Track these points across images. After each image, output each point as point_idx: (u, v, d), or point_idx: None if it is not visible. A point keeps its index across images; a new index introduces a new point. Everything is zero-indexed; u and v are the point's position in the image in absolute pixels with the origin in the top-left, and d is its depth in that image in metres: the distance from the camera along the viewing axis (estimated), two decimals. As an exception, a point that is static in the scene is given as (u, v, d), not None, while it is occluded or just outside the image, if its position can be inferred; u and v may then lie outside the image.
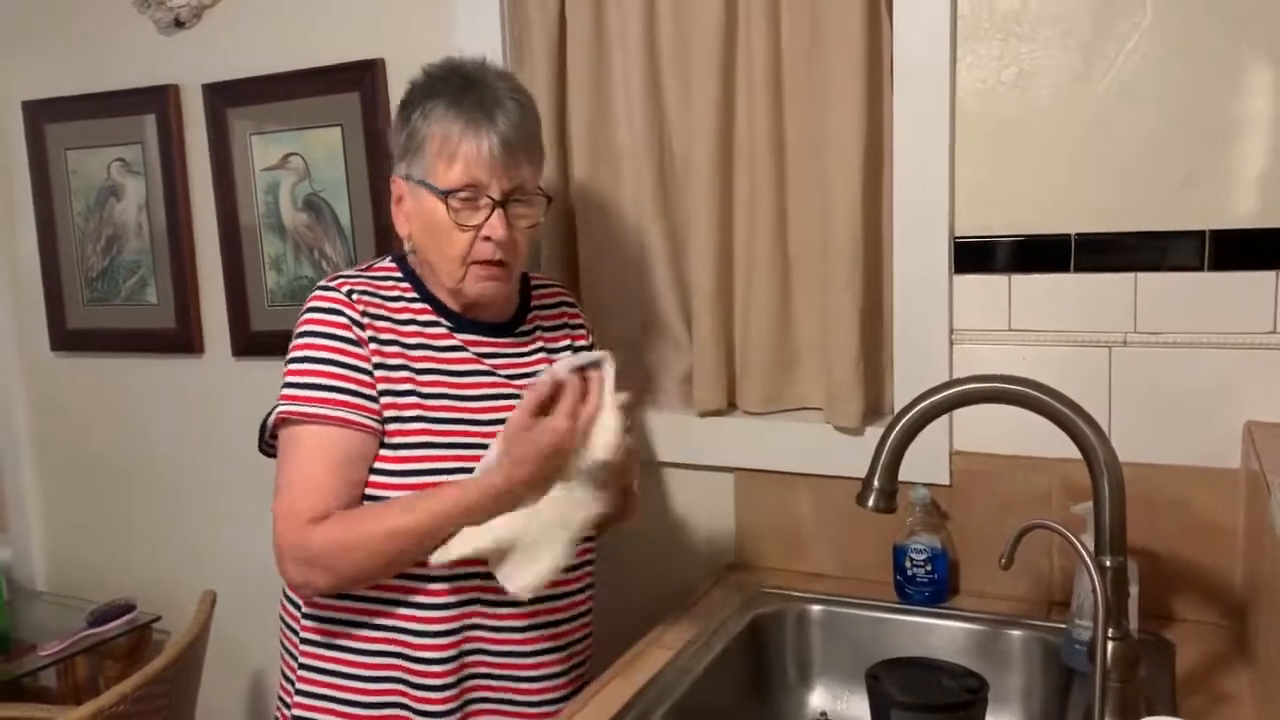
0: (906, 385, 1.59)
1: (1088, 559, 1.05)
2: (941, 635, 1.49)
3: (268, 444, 1.38)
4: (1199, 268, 1.43)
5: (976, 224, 1.55)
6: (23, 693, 2.21)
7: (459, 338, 1.39)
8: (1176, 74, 1.41)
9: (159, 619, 2.35)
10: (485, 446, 1.31)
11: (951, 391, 1.15)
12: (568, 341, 1.51)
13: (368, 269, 1.42)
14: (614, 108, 1.80)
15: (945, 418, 1.54)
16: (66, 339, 2.46)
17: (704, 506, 1.80)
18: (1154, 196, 1.44)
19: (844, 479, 1.64)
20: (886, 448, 1.15)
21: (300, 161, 2.08)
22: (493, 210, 1.30)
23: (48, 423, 2.56)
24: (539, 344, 1.46)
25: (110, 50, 2.28)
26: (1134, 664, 1.07)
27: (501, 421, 1.33)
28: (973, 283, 1.56)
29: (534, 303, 1.51)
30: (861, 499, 1.16)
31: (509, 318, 1.46)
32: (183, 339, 2.28)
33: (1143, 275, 1.46)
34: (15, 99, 2.42)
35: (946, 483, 1.59)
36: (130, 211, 2.32)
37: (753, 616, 1.54)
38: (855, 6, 1.57)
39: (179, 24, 2.17)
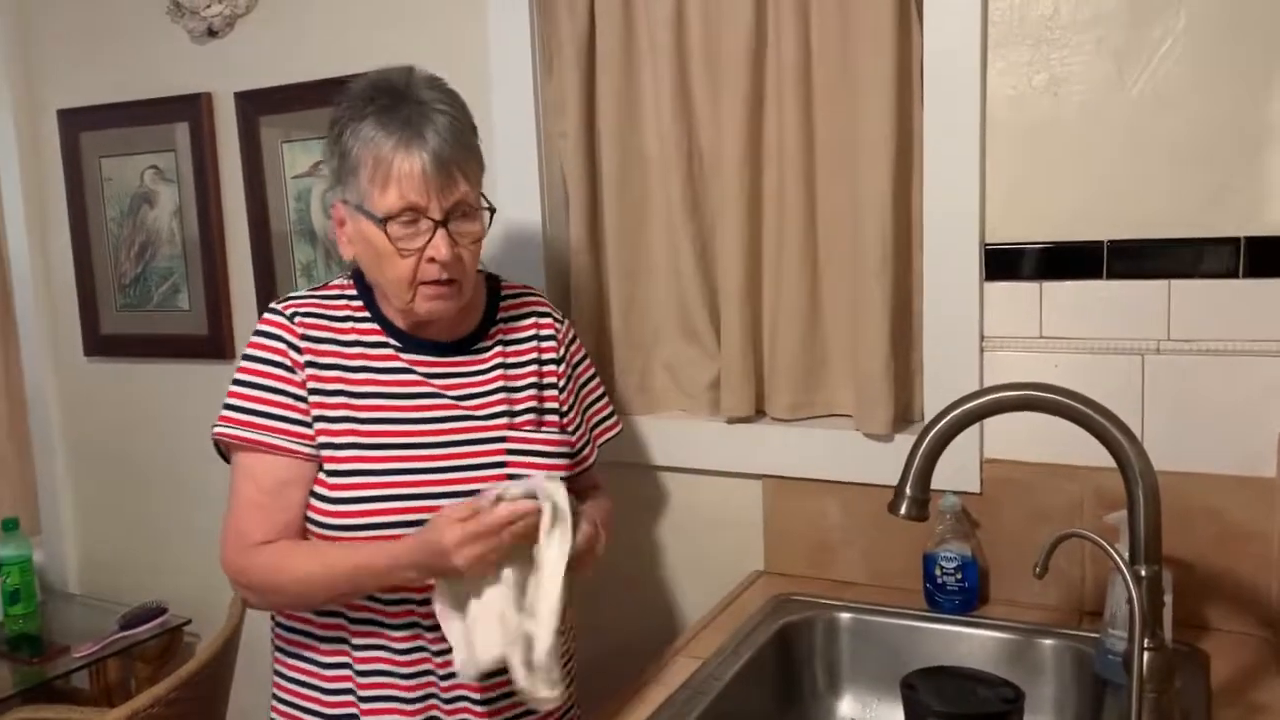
0: (936, 392, 1.58)
1: (1124, 568, 1.05)
2: (972, 644, 1.48)
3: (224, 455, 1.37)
4: (1234, 275, 1.42)
5: (1007, 230, 1.54)
6: (55, 694, 2.24)
7: (405, 359, 1.34)
8: (1210, 80, 1.40)
9: (189, 622, 2.38)
10: (430, 471, 1.29)
11: (985, 399, 1.14)
12: (534, 355, 1.42)
13: (322, 287, 1.40)
14: (643, 111, 1.80)
15: (976, 425, 1.54)
16: (100, 344, 2.49)
17: (732, 513, 1.80)
18: (1188, 203, 1.43)
19: (873, 486, 1.63)
20: (919, 455, 1.14)
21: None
22: (434, 231, 1.24)
23: (81, 427, 2.59)
24: (496, 360, 1.39)
25: (144, 59, 2.31)
26: (1169, 675, 1.06)
27: (452, 444, 1.31)
28: (1003, 289, 1.56)
29: (500, 314, 1.43)
30: (893, 507, 1.16)
31: (467, 333, 1.39)
32: (214, 345, 2.31)
33: (1176, 282, 1.45)
34: (51, 108, 2.45)
35: (977, 490, 1.58)
36: (163, 218, 2.35)
37: (782, 624, 1.54)
38: (885, 10, 1.57)
39: (212, 33, 2.20)
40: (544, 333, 1.45)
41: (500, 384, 1.37)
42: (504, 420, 1.35)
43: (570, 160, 1.85)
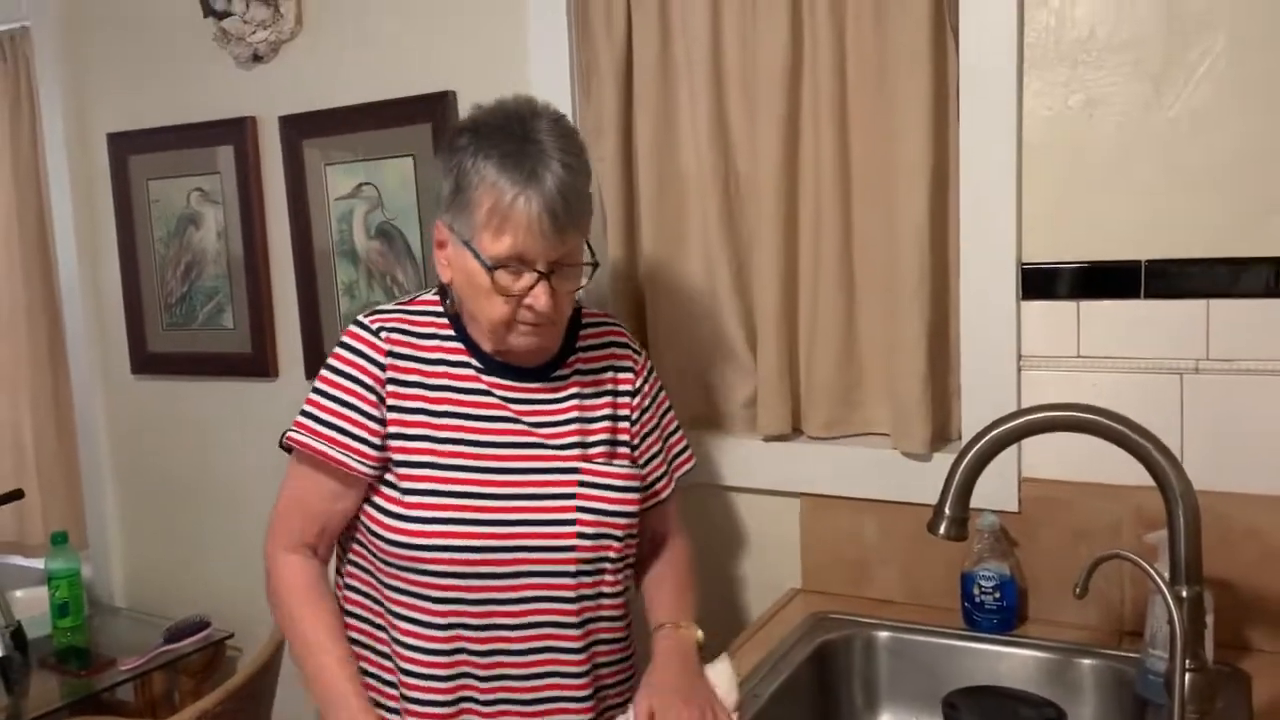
0: (974, 411, 1.59)
1: (1164, 589, 1.05)
2: (1011, 663, 1.48)
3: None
4: (1273, 294, 1.41)
5: (1044, 250, 1.55)
6: (102, 706, 2.28)
7: (486, 381, 1.36)
8: (1248, 101, 1.41)
9: (232, 636, 2.41)
10: (501, 497, 1.32)
11: (1024, 419, 1.15)
12: (610, 386, 1.44)
13: (410, 302, 1.42)
14: (680, 132, 1.83)
15: (1014, 444, 1.54)
16: (146, 362, 2.54)
17: (769, 531, 1.81)
18: (1226, 223, 1.43)
19: (911, 505, 1.64)
20: (958, 475, 1.15)
21: (373, 190, 2.14)
22: (537, 281, 1.26)
23: (128, 444, 2.64)
24: (573, 390, 1.40)
25: (191, 84, 2.37)
26: (1212, 696, 1.06)
27: (525, 471, 1.34)
28: (1040, 309, 1.56)
29: (580, 343, 1.45)
30: (933, 526, 1.17)
31: (548, 360, 1.41)
32: (258, 363, 2.35)
33: (1215, 302, 1.45)
34: (101, 131, 2.51)
35: (1015, 510, 1.58)
36: (209, 239, 2.40)
37: (820, 642, 1.55)
38: (921, 32, 1.58)
39: (257, 59, 2.25)
40: (621, 364, 1.47)
41: (575, 414, 1.39)
42: (577, 451, 1.37)
43: (608, 182, 1.88)
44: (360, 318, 1.39)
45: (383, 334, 1.36)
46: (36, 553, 2.85)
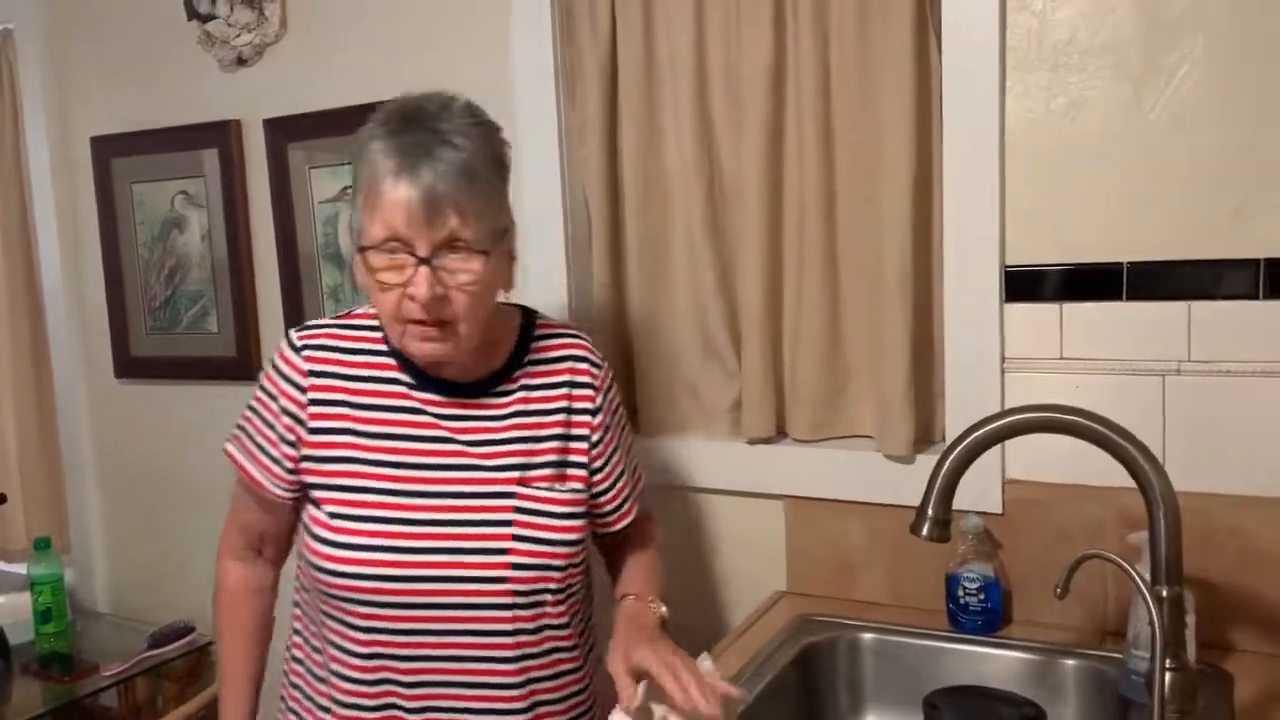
0: (957, 413, 1.59)
1: (1144, 588, 1.05)
2: (995, 664, 1.48)
3: None
4: (1254, 296, 1.42)
5: (1027, 252, 1.56)
6: (85, 712, 2.26)
7: (417, 398, 1.28)
8: (1228, 103, 1.42)
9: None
10: (433, 523, 1.25)
11: (1006, 421, 1.15)
12: (564, 403, 1.33)
13: (346, 316, 1.37)
14: (664, 133, 1.83)
15: (997, 446, 1.55)
16: (130, 366, 2.53)
17: (753, 534, 1.81)
18: (1207, 225, 1.44)
19: (895, 507, 1.64)
20: (940, 476, 1.15)
21: (357, 194, 2.13)
22: (417, 268, 1.15)
23: (111, 448, 2.62)
24: (517, 406, 1.30)
25: (175, 87, 2.36)
26: (1192, 695, 1.07)
27: (458, 495, 1.26)
28: (1023, 311, 1.57)
29: (530, 356, 1.34)
30: (915, 528, 1.17)
31: (489, 373, 1.31)
32: (242, 367, 2.34)
33: (1196, 304, 1.45)
34: (85, 134, 2.50)
35: (999, 511, 1.59)
36: (193, 243, 2.39)
37: (804, 644, 1.55)
38: (904, 34, 1.59)
39: (241, 62, 2.24)
40: (579, 379, 1.35)
41: (518, 433, 1.30)
42: (515, 474, 1.29)
43: (592, 184, 1.88)
44: (290, 332, 1.34)
45: (305, 352, 1.30)
46: (19, 558, 2.82)
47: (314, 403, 1.29)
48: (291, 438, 1.29)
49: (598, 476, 1.36)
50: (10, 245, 2.85)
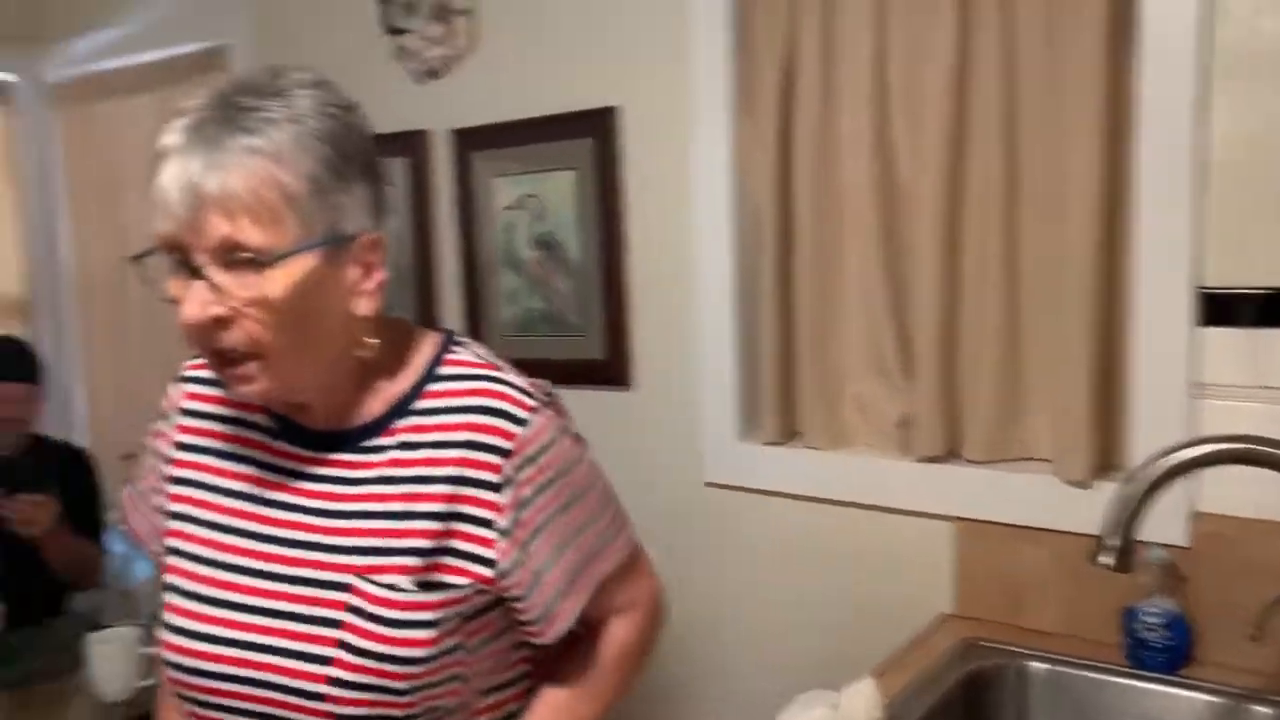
0: (1142, 440, 1.52)
1: (1351, 636, 0.99)
2: (1176, 705, 1.41)
3: None
4: None
5: (1225, 274, 1.48)
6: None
7: (274, 448, 1.03)
8: None
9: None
10: (261, 612, 0.98)
11: (1198, 450, 1.10)
12: (455, 471, 0.97)
13: None
14: (840, 146, 1.82)
15: (1186, 476, 1.47)
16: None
17: (917, 554, 1.78)
18: None
19: (1072, 534, 1.58)
20: (1125, 504, 1.11)
21: (536, 202, 2.21)
22: (190, 279, 0.90)
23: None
24: (386, 470, 0.99)
25: (370, 99, 2.45)
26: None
27: (293, 581, 0.98)
28: (1218, 335, 1.49)
29: (420, 403, 1.00)
30: (1096, 557, 1.13)
31: (360, 424, 1.01)
32: (422, 365, 2.45)
33: None
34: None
35: (1185, 544, 1.51)
36: (381, 246, 2.52)
37: (972, 669, 1.51)
38: (1096, 45, 1.54)
39: (432, 74, 2.35)
40: (483, 439, 0.98)
41: (374, 505, 0.98)
42: (360, 560, 0.97)
43: (764, 195, 1.88)
44: (184, 363, 1.12)
45: (186, 386, 1.09)
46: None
47: (179, 447, 1.08)
48: (157, 486, 1.10)
49: (508, 578, 0.99)
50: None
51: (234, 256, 0.88)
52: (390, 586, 0.95)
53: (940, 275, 1.71)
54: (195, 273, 0.89)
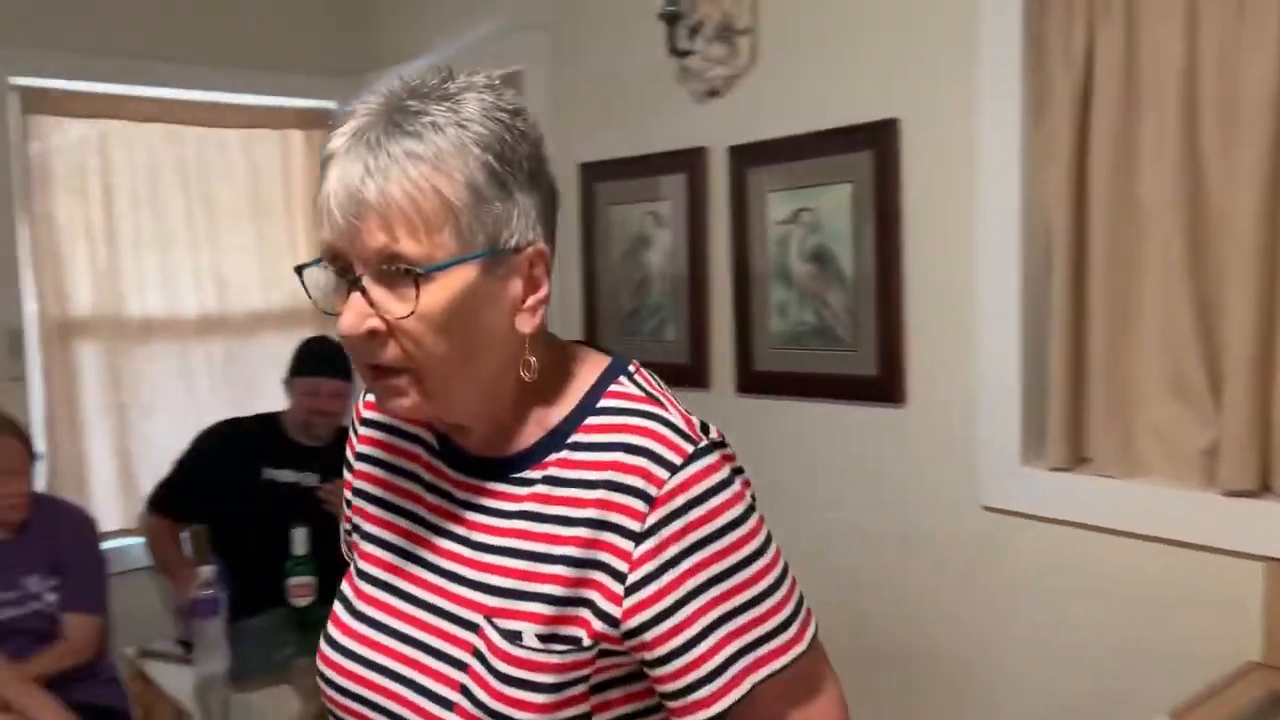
0: None
1: None
2: None
3: None
4: None
5: None
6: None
7: (432, 465, 0.99)
8: None
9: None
10: (400, 637, 0.94)
11: None
12: (595, 513, 0.87)
13: None
14: (1141, 159, 1.73)
15: None
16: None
17: (1220, 595, 1.65)
18: None
19: None
20: None
21: (811, 216, 2.22)
22: (349, 292, 0.86)
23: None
24: (528, 505, 0.90)
25: (652, 119, 2.59)
26: None
27: (430, 609, 0.93)
28: None
29: (575, 436, 0.91)
30: None
31: (515, 451, 0.93)
32: (692, 374, 2.51)
33: None
34: (572, 162, 2.82)
35: None
36: (657, 259, 2.61)
37: (1284, 724, 1.38)
38: None
39: (713, 93, 2.42)
40: (626, 481, 0.87)
41: (517, 543, 0.90)
42: (494, 601, 0.90)
43: (1057, 207, 1.81)
44: None
45: (366, 394, 1.05)
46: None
47: (359, 458, 1.05)
48: (349, 495, 1.07)
49: (640, 637, 0.87)
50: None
51: (391, 268, 0.83)
52: (513, 636, 0.87)
53: (1256, 298, 1.59)
54: (354, 283, 0.85)
